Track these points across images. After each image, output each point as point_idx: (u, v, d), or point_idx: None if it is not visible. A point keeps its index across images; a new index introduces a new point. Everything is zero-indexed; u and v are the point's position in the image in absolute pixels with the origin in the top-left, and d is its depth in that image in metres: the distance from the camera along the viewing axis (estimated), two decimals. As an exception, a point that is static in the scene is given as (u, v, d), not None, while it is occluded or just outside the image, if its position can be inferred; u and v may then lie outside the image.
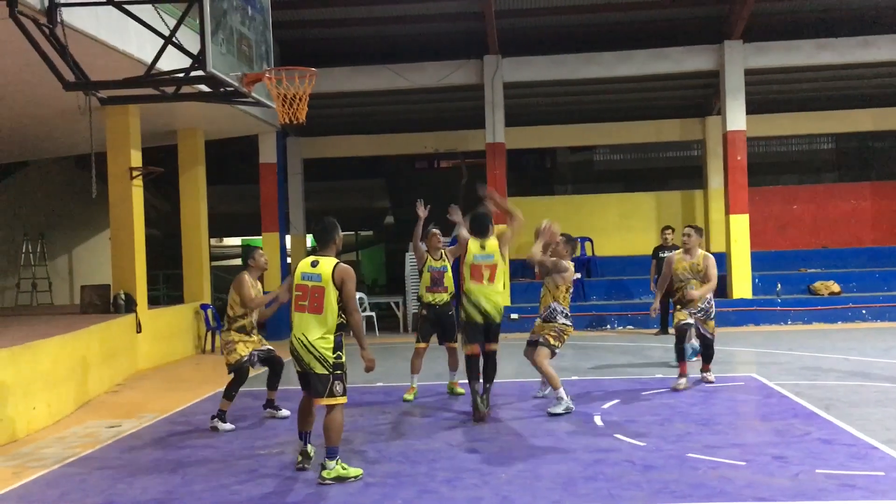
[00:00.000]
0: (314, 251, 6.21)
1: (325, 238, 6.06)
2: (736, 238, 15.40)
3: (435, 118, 18.32)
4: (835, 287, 15.77)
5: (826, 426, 6.94)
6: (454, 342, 8.91)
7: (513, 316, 14.99)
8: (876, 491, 5.21)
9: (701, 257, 8.81)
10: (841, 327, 14.58)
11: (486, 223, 7.90)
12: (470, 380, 7.73)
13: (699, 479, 5.56)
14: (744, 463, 5.91)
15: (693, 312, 8.79)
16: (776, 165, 21.44)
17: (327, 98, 15.23)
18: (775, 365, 10.45)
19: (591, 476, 5.72)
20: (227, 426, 7.66)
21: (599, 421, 7.43)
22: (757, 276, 15.87)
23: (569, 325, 8.09)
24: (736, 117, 15.34)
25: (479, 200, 8.48)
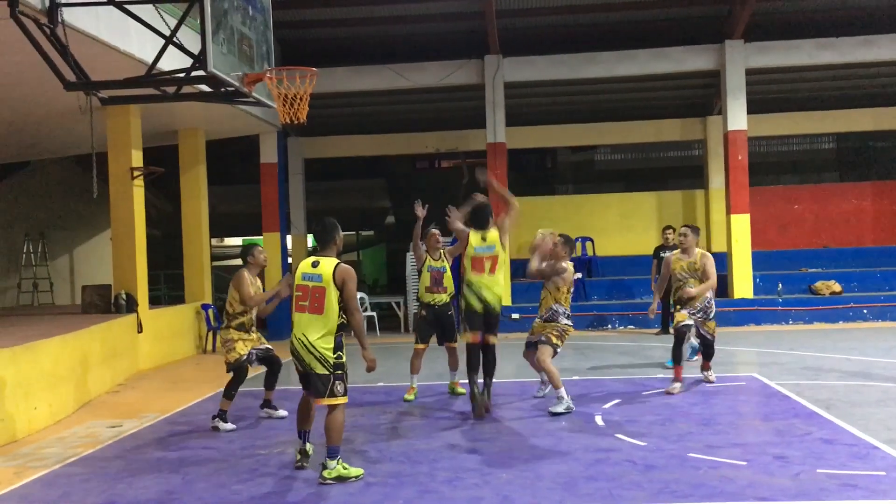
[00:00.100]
0: (315, 251, 6.21)
1: (326, 238, 6.07)
2: (737, 238, 15.40)
3: (436, 118, 18.32)
4: (836, 287, 15.76)
5: (827, 426, 6.94)
6: (454, 342, 8.91)
7: (513, 316, 15.00)
8: (877, 491, 5.21)
9: (698, 256, 8.79)
10: (842, 327, 14.57)
11: (487, 215, 7.90)
12: (469, 372, 7.71)
13: (700, 479, 5.56)
14: (745, 463, 5.90)
15: (692, 313, 8.75)
16: (777, 165, 21.44)
17: (328, 98, 15.23)
18: (776, 365, 10.45)
19: (592, 476, 5.72)
20: (228, 426, 7.66)
21: (600, 421, 7.43)
22: (758, 276, 15.86)
23: (570, 325, 8.13)
24: (737, 117, 15.33)
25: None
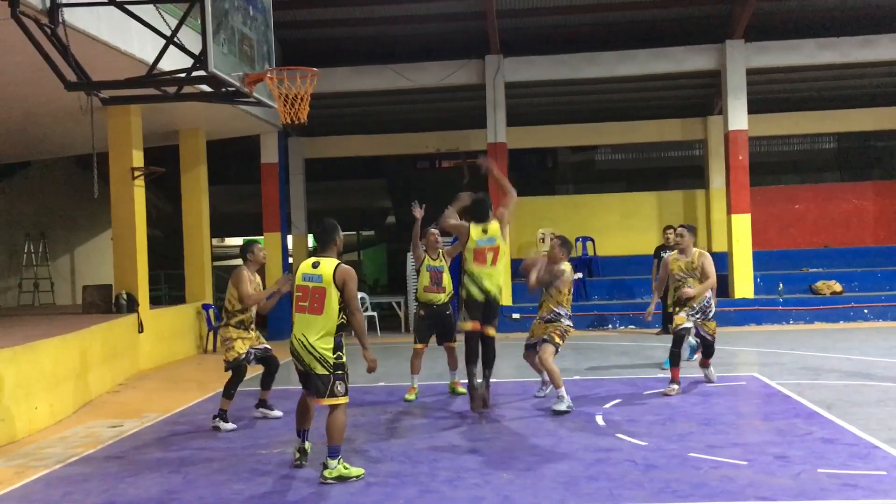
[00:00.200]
0: (315, 252, 6.21)
1: (326, 239, 6.07)
2: (738, 238, 15.39)
3: (436, 118, 18.32)
4: (837, 287, 15.76)
5: (828, 426, 6.94)
6: (453, 342, 8.90)
7: (514, 316, 15.00)
8: (878, 490, 5.20)
9: (696, 255, 8.72)
10: (843, 327, 14.57)
11: (486, 208, 7.91)
12: (468, 364, 7.68)
13: (701, 479, 5.55)
14: (745, 462, 5.90)
15: (690, 314, 8.66)
16: (778, 165, 21.42)
17: (329, 98, 15.23)
18: (777, 365, 10.45)
19: (593, 476, 5.72)
20: (229, 426, 7.65)
21: (601, 421, 7.43)
22: (759, 276, 15.86)
23: (571, 326, 8.17)
24: (737, 117, 15.33)
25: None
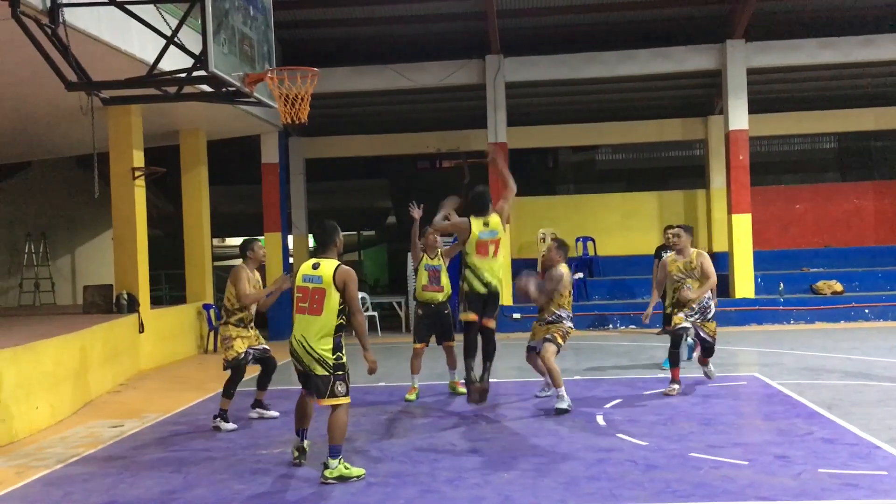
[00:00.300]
0: (315, 253, 6.21)
1: (326, 240, 6.08)
2: (738, 238, 15.39)
3: (437, 118, 18.33)
4: (837, 286, 15.75)
5: (829, 426, 6.93)
6: (452, 342, 8.90)
7: (514, 316, 15.00)
8: (879, 490, 5.20)
9: (694, 255, 8.64)
10: (844, 327, 14.56)
11: (486, 201, 7.88)
12: (466, 358, 7.66)
13: (701, 479, 5.55)
14: (746, 462, 5.90)
15: (689, 315, 8.57)
16: (778, 165, 21.43)
17: (329, 98, 15.23)
18: (778, 365, 10.44)
19: (594, 476, 5.72)
20: (230, 426, 7.65)
21: (602, 421, 7.43)
22: (759, 276, 15.85)
23: (572, 327, 8.19)
24: (738, 117, 15.33)
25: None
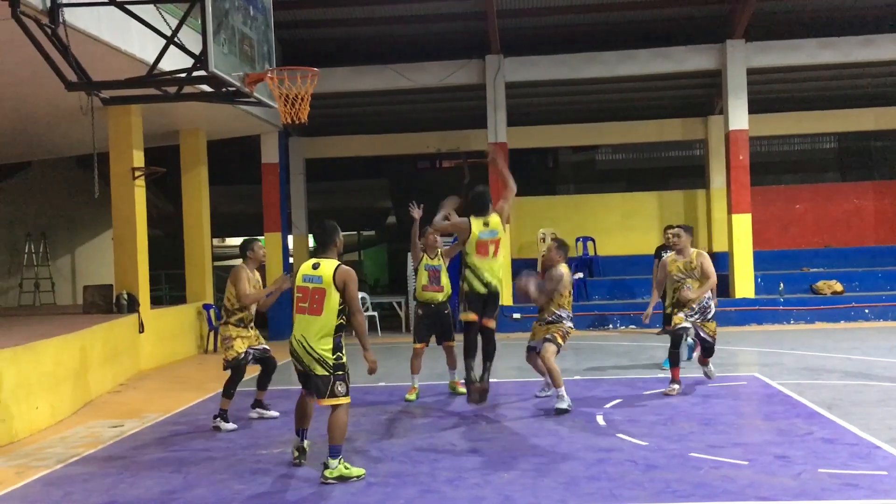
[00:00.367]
0: (315, 253, 6.21)
1: (326, 240, 6.08)
2: (738, 237, 15.39)
3: (437, 118, 18.32)
4: (837, 286, 15.75)
5: (829, 426, 6.93)
6: (451, 342, 8.90)
7: (514, 316, 15.00)
8: (879, 490, 5.20)
9: (694, 255, 8.63)
10: (844, 327, 14.56)
11: (486, 201, 7.88)
12: (466, 358, 7.65)
13: (701, 479, 5.55)
14: (746, 462, 5.90)
15: (689, 315, 8.56)
16: (778, 165, 21.42)
17: (329, 98, 15.23)
18: (778, 365, 10.44)
19: (594, 476, 5.72)
20: (230, 426, 7.65)
21: (602, 421, 7.43)
22: (759, 276, 15.85)
23: (572, 327, 8.20)
24: (738, 117, 15.33)
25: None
